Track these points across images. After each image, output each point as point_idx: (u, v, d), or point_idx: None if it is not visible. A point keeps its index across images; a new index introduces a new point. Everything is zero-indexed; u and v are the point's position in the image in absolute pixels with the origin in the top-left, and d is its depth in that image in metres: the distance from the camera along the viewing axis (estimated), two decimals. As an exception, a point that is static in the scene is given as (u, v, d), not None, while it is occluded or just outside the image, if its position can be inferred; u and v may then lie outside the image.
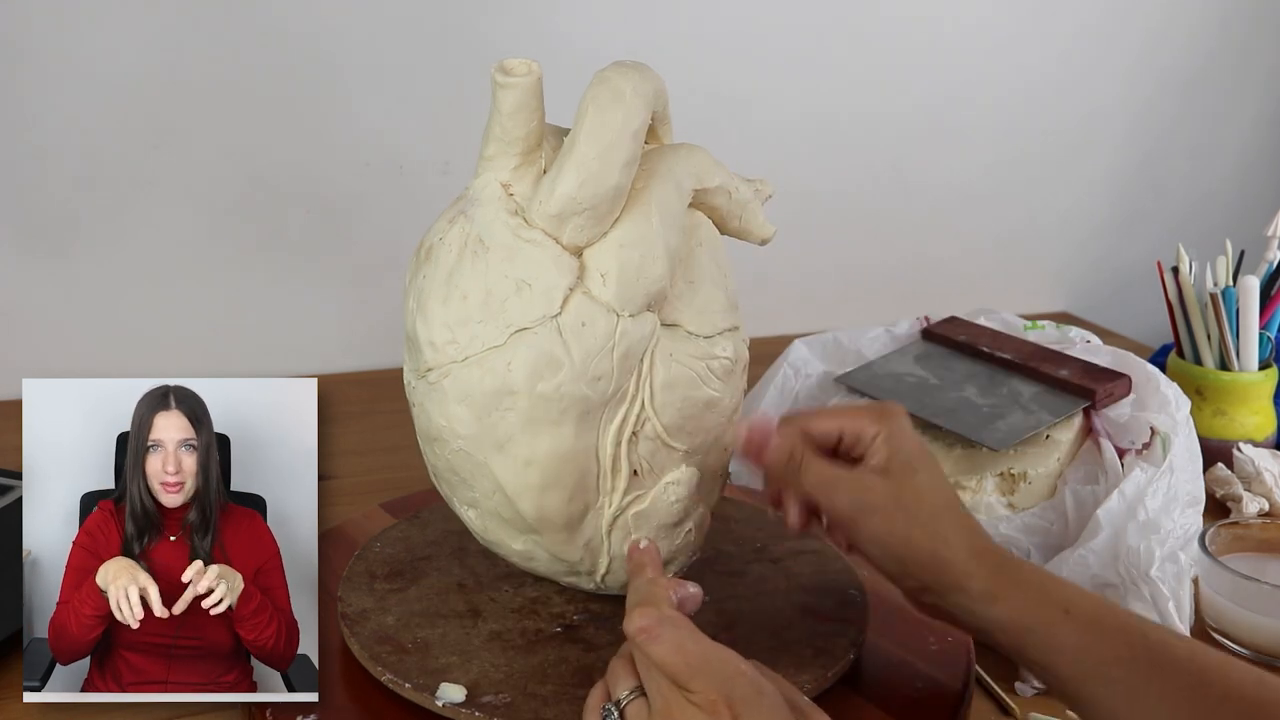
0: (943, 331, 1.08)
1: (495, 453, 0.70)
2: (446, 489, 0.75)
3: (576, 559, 0.74)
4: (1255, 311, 1.11)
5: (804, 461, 0.70)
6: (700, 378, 0.73)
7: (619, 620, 0.75)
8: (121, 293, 1.23)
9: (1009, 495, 0.95)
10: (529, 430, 0.69)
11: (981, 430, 0.96)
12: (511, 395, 0.68)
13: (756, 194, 0.77)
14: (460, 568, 0.81)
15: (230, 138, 1.22)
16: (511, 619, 0.76)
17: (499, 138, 0.71)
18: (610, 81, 0.69)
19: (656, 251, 0.70)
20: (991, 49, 1.49)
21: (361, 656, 0.72)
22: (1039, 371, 1.00)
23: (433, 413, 0.71)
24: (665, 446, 0.72)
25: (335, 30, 1.23)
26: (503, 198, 0.71)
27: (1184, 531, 0.88)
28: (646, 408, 0.71)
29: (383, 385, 1.22)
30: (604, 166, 0.68)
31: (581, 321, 0.68)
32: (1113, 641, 0.63)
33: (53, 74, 1.15)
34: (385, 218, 1.29)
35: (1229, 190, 1.67)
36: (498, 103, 0.70)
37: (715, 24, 1.36)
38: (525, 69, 0.69)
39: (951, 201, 1.54)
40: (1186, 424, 0.94)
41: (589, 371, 0.69)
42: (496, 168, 0.71)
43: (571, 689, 0.69)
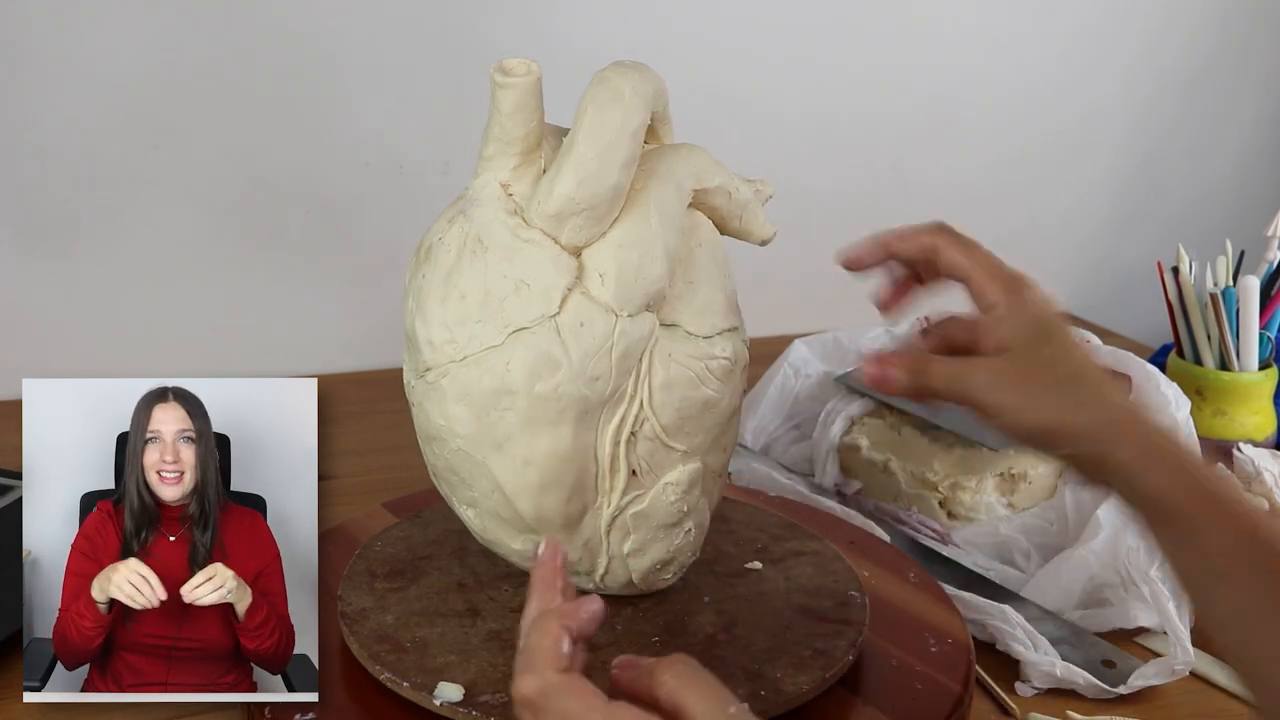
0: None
1: (494, 452, 0.70)
2: (446, 488, 0.75)
3: (575, 559, 0.74)
4: (1255, 311, 1.11)
5: (928, 367, 0.66)
6: (699, 378, 0.72)
7: (617, 620, 0.75)
8: (121, 293, 1.22)
9: (1009, 495, 0.95)
10: (527, 430, 0.69)
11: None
12: (510, 395, 0.69)
13: (757, 194, 0.77)
14: (460, 567, 0.81)
15: (230, 138, 1.22)
16: (511, 618, 0.76)
17: (498, 138, 0.71)
18: (609, 81, 0.69)
19: (655, 252, 0.70)
20: (991, 49, 1.49)
21: (360, 655, 0.72)
22: None
23: (431, 412, 0.71)
24: (664, 446, 0.72)
25: (335, 30, 1.22)
26: (502, 198, 0.71)
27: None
28: (645, 408, 0.71)
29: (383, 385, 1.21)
30: (603, 166, 0.68)
31: (580, 321, 0.68)
32: (1262, 551, 0.58)
33: (53, 74, 1.15)
34: (385, 218, 1.29)
35: (1229, 190, 1.66)
36: (497, 103, 0.70)
37: (715, 24, 1.36)
38: (525, 69, 0.69)
39: (951, 201, 1.53)
40: (1187, 424, 0.94)
41: (587, 371, 0.69)
42: (496, 168, 0.71)
43: None
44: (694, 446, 0.73)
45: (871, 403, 1.04)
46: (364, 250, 1.30)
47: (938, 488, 0.97)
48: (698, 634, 0.75)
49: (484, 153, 0.72)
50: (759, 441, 1.07)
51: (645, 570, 0.75)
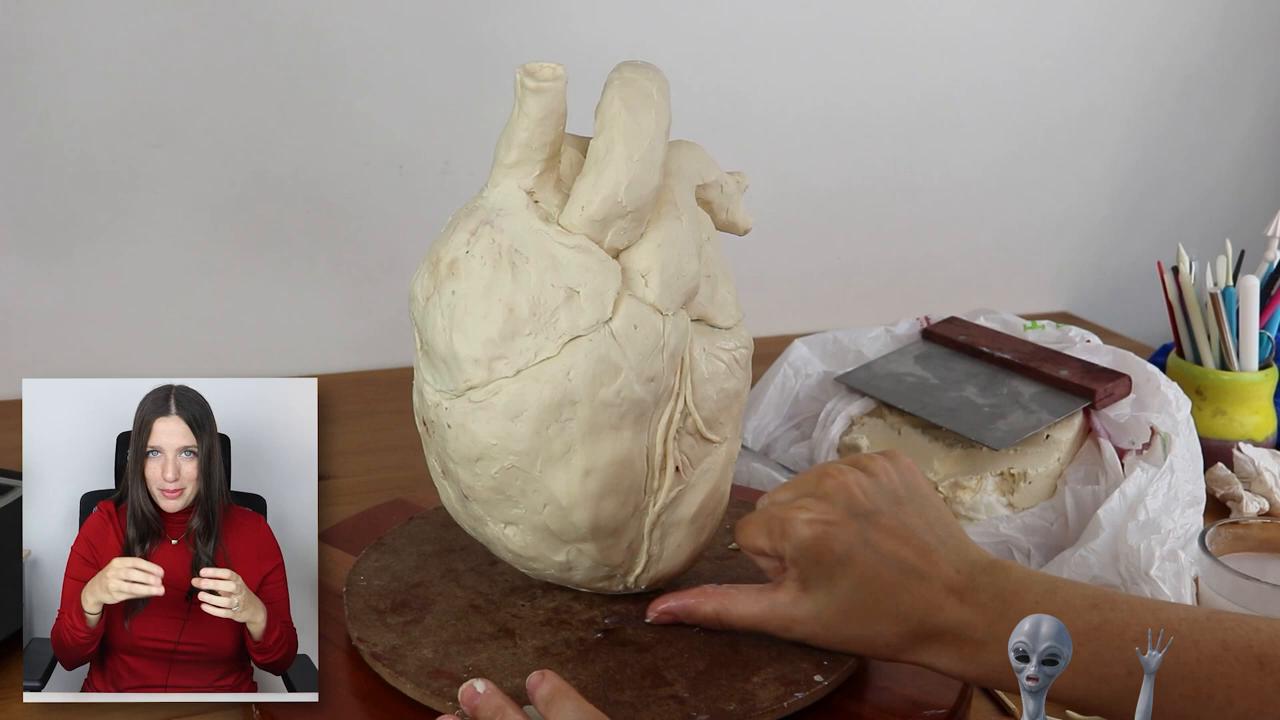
0: (943, 331, 1.08)
1: (551, 465, 0.69)
2: (479, 510, 0.73)
3: (617, 563, 0.74)
4: (1255, 311, 1.11)
5: (724, 618, 0.72)
6: (729, 369, 0.74)
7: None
8: (122, 293, 1.22)
9: (1009, 495, 0.95)
10: (590, 438, 0.68)
11: (982, 430, 0.96)
12: (572, 405, 0.68)
13: (738, 186, 0.78)
14: (461, 589, 0.79)
15: (231, 138, 1.22)
16: (546, 632, 0.74)
17: (525, 144, 0.68)
18: (635, 83, 0.69)
19: (689, 249, 0.71)
20: (991, 48, 1.49)
21: (420, 695, 0.69)
22: (1039, 371, 1.00)
23: (478, 432, 0.69)
24: (703, 440, 0.74)
25: (335, 30, 1.23)
26: (530, 205, 0.69)
27: (1184, 531, 0.88)
28: (688, 403, 0.72)
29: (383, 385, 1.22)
30: (645, 168, 0.68)
31: (633, 324, 0.68)
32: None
33: (54, 74, 1.15)
34: (385, 218, 1.29)
35: (1229, 190, 1.67)
36: (526, 108, 0.68)
37: (714, 22, 1.36)
38: (552, 73, 0.67)
39: (951, 201, 1.54)
40: (1187, 424, 0.94)
41: (644, 373, 0.69)
42: (520, 175, 0.69)
43: (649, 690, 0.69)
44: (723, 436, 0.75)
45: (871, 402, 1.04)
46: (364, 250, 1.30)
47: (938, 487, 0.97)
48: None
49: (505, 159, 0.69)
50: (759, 441, 1.07)
51: (681, 565, 0.76)
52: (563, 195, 0.70)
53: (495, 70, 1.26)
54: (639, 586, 0.76)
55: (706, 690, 0.69)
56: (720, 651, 0.73)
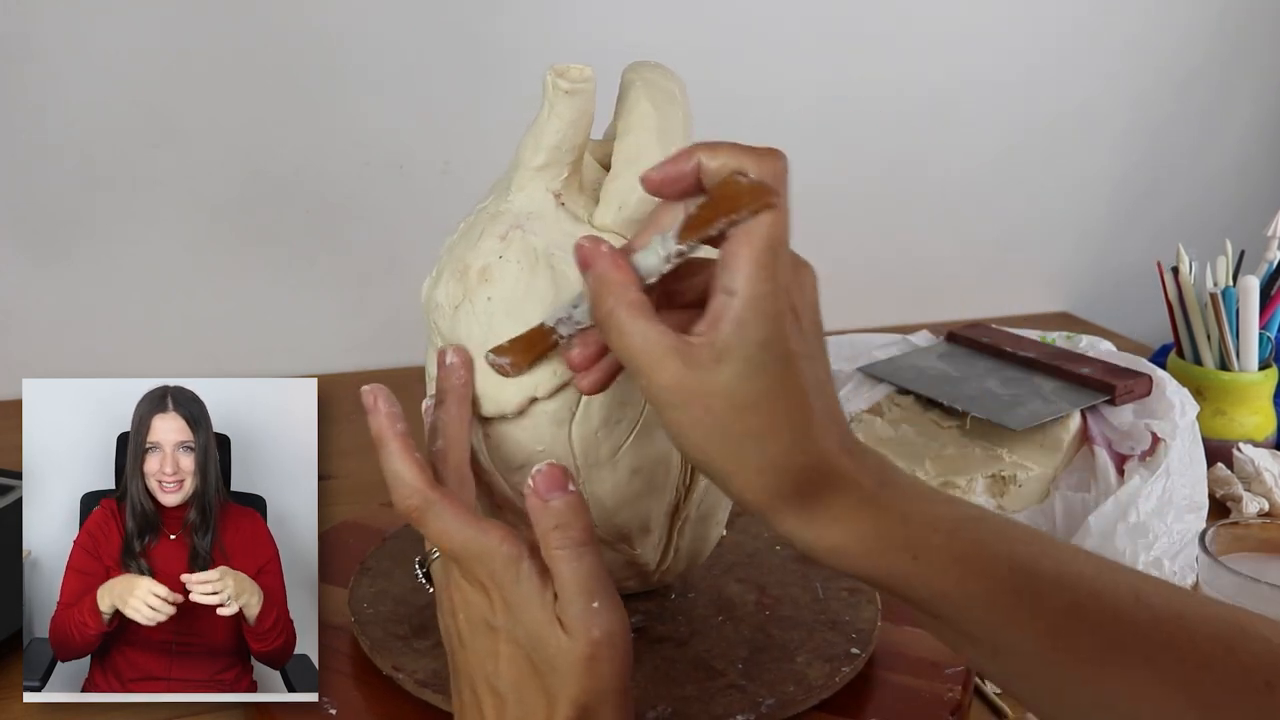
0: (967, 334, 1.12)
1: (598, 468, 0.68)
2: (513, 520, 0.70)
3: (647, 560, 0.73)
4: (1255, 311, 1.11)
5: (618, 319, 0.55)
6: None
7: (679, 612, 0.77)
8: (122, 293, 1.23)
9: (998, 498, 0.95)
10: (640, 439, 0.68)
11: (1003, 414, 0.97)
12: (621, 406, 0.67)
13: None
14: None
15: (231, 137, 1.22)
16: None
17: (555, 146, 0.67)
18: (659, 84, 0.69)
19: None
20: (990, 47, 1.49)
21: None
22: (1060, 369, 1.03)
23: (523, 440, 0.67)
24: None
25: (335, 30, 1.23)
26: (558, 208, 0.68)
27: (1178, 537, 0.87)
28: None
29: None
30: None
31: None
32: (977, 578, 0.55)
33: (54, 74, 1.15)
34: (385, 218, 1.29)
35: (1228, 190, 1.67)
36: (558, 110, 0.66)
37: (714, 21, 1.36)
38: (582, 74, 0.66)
39: (951, 200, 1.54)
40: (1191, 429, 0.94)
41: None
42: (548, 178, 0.68)
43: (706, 682, 0.70)
44: None
45: (869, 401, 1.04)
46: (364, 250, 1.30)
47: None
48: (745, 605, 0.79)
49: (532, 162, 0.67)
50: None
51: (701, 556, 0.76)
52: (586, 197, 0.68)
53: (495, 70, 1.27)
54: (661, 580, 0.76)
55: (760, 676, 0.71)
56: (753, 637, 0.75)
